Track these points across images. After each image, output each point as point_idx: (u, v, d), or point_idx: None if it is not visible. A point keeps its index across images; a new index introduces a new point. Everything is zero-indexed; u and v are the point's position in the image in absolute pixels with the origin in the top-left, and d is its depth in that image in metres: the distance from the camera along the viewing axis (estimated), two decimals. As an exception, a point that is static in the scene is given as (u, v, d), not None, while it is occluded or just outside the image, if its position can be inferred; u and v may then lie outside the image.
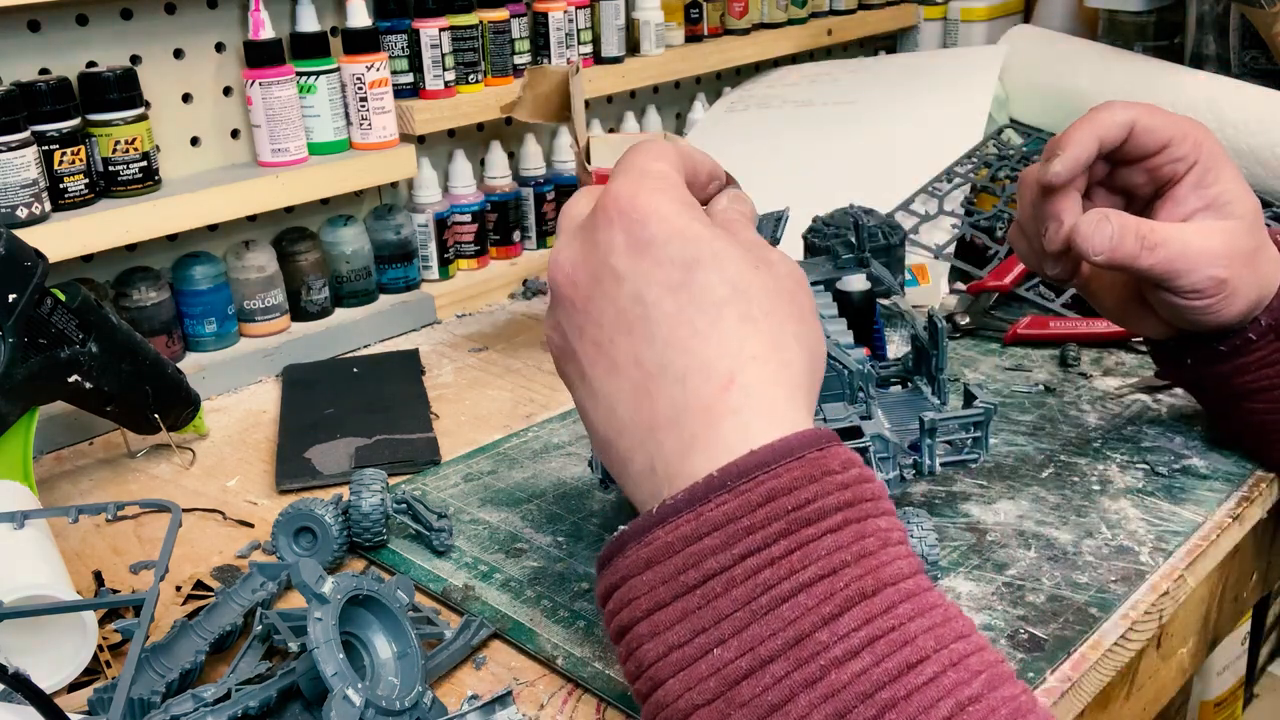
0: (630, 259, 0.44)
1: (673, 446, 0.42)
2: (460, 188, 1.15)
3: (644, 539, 0.41)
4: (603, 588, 0.43)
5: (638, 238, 0.44)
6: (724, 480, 0.40)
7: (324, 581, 0.53)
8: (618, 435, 0.44)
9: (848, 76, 1.35)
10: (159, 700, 0.55)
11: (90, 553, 0.73)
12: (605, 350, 0.44)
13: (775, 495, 0.40)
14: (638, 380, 0.43)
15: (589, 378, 0.45)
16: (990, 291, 1.00)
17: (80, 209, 0.87)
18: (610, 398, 0.44)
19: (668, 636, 0.40)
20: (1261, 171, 1.07)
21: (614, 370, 0.44)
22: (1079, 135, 0.66)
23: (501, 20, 1.11)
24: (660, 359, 0.43)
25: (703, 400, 0.42)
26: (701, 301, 0.43)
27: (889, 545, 0.40)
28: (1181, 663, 0.74)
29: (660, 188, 0.45)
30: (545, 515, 0.73)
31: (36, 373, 0.72)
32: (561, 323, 0.47)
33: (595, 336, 0.45)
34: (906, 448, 0.66)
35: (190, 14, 0.96)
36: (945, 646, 0.38)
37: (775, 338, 0.43)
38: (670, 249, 0.43)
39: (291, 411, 0.90)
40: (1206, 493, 0.72)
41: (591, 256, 0.45)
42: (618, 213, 0.44)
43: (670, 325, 0.43)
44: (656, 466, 0.43)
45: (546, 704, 0.57)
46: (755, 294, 0.43)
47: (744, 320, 0.43)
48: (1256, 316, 0.68)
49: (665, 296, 0.43)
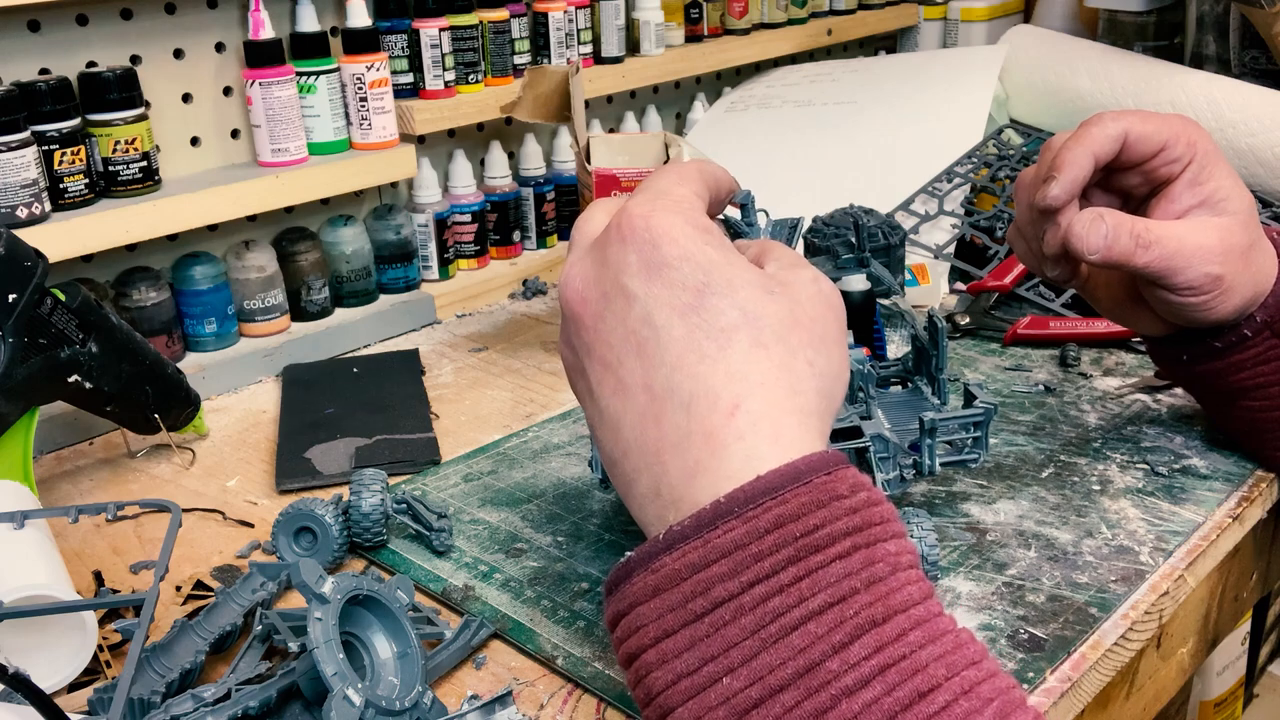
0: (642, 280, 0.44)
1: (678, 471, 0.42)
2: (460, 188, 1.15)
3: (651, 566, 0.41)
4: (610, 614, 0.43)
5: (650, 259, 0.44)
6: (731, 507, 0.40)
7: (324, 581, 0.53)
8: (623, 456, 0.44)
9: (848, 76, 1.35)
10: (159, 700, 0.55)
11: (90, 553, 0.73)
12: (613, 370, 0.44)
13: (783, 522, 0.39)
14: (644, 403, 0.43)
15: (597, 396, 0.45)
16: (990, 291, 1.00)
17: (80, 209, 0.87)
18: (617, 418, 0.44)
19: (676, 665, 0.40)
20: (1261, 171, 1.07)
21: (621, 391, 0.44)
22: (1073, 156, 0.65)
23: (501, 20, 1.11)
24: (667, 383, 0.43)
25: (707, 426, 0.42)
26: (710, 327, 0.43)
27: (898, 570, 0.40)
28: (1181, 663, 0.74)
29: (676, 209, 0.45)
30: (545, 515, 0.73)
31: (36, 373, 0.72)
32: (571, 338, 0.47)
33: (604, 356, 0.45)
34: (906, 448, 0.66)
35: (190, 14, 0.96)
36: (956, 674, 0.38)
37: (786, 364, 0.43)
38: (682, 272, 0.43)
39: (291, 411, 0.90)
40: (1206, 493, 0.72)
41: (603, 275, 0.45)
42: (631, 232, 0.44)
43: (679, 349, 0.43)
44: (662, 490, 0.43)
45: (546, 704, 0.57)
46: (767, 320, 0.43)
47: (754, 346, 0.43)
48: (1251, 313, 0.68)
49: (675, 320, 0.43)
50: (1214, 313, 0.67)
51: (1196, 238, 0.65)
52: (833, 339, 0.46)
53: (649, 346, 0.43)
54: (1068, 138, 0.67)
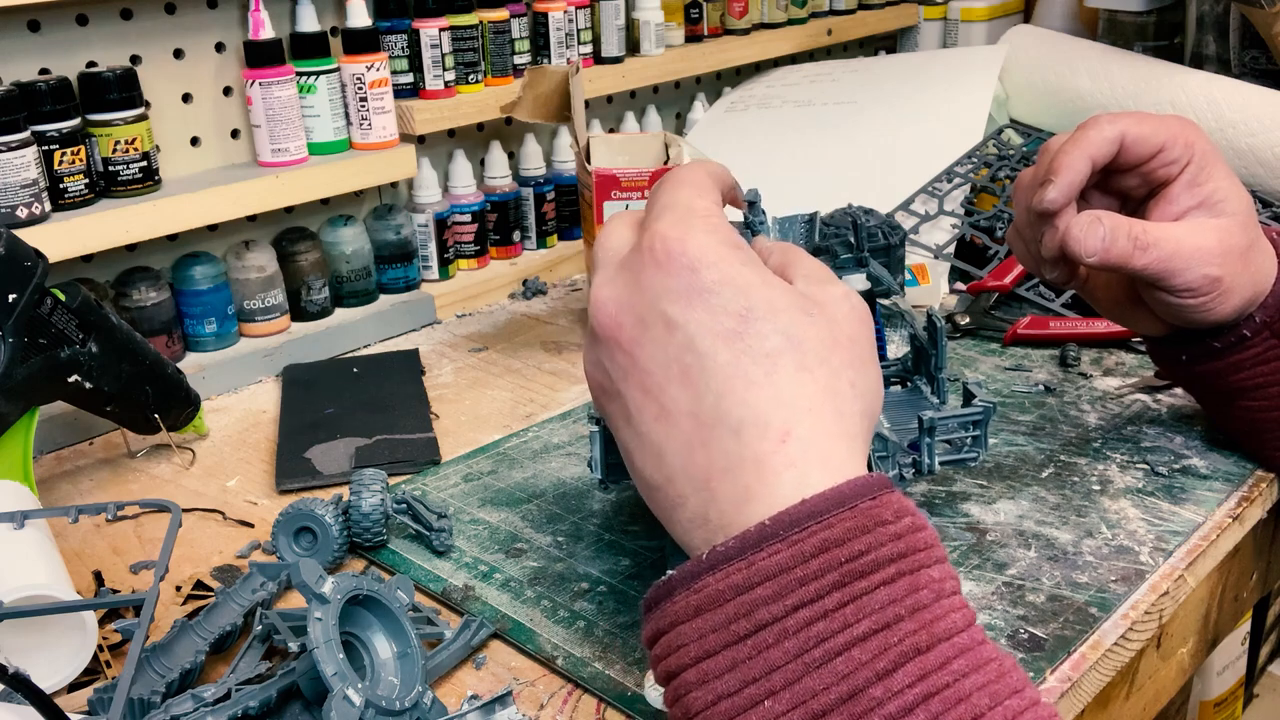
0: (683, 307, 0.43)
1: (727, 497, 0.42)
2: (460, 188, 1.15)
3: (693, 585, 0.40)
4: (649, 631, 0.42)
5: (690, 285, 0.43)
6: (776, 530, 0.40)
7: (324, 581, 0.53)
8: (667, 481, 0.44)
9: (848, 76, 1.35)
10: (159, 700, 0.55)
11: (90, 553, 0.73)
12: (655, 397, 0.44)
13: (828, 546, 0.39)
14: (690, 429, 0.43)
15: (635, 421, 0.45)
16: (990, 291, 1.00)
17: (80, 209, 0.87)
18: (659, 444, 0.44)
19: (716, 685, 0.39)
20: (1261, 171, 1.07)
21: (664, 417, 0.43)
22: (1070, 159, 0.66)
23: (501, 20, 1.12)
24: (715, 410, 0.42)
25: (758, 454, 0.41)
26: (755, 352, 0.42)
27: (943, 597, 0.40)
28: (1181, 663, 0.74)
29: (709, 228, 0.44)
30: (545, 515, 0.73)
31: (36, 373, 0.72)
32: (604, 361, 0.46)
33: (643, 382, 0.44)
34: (906, 447, 0.66)
35: (190, 14, 0.96)
36: (1000, 703, 0.38)
37: (830, 387, 0.43)
38: (723, 297, 0.43)
39: (291, 411, 0.90)
40: (1206, 493, 0.72)
41: (638, 299, 0.44)
42: (667, 257, 0.43)
43: (725, 376, 0.42)
44: (710, 516, 0.42)
45: (546, 704, 0.57)
46: (809, 344, 0.43)
47: (799, 370, 0.42)
48: (1251, 314, 0.68)
49: (720, 346, 0.42)
50: (1213, 314, 0.67)
51: (1195, 239, 0.65)
52: (869, 358, 0.46)
53: (693, 373, 0.43)
54: (1065, 140, 0.67)
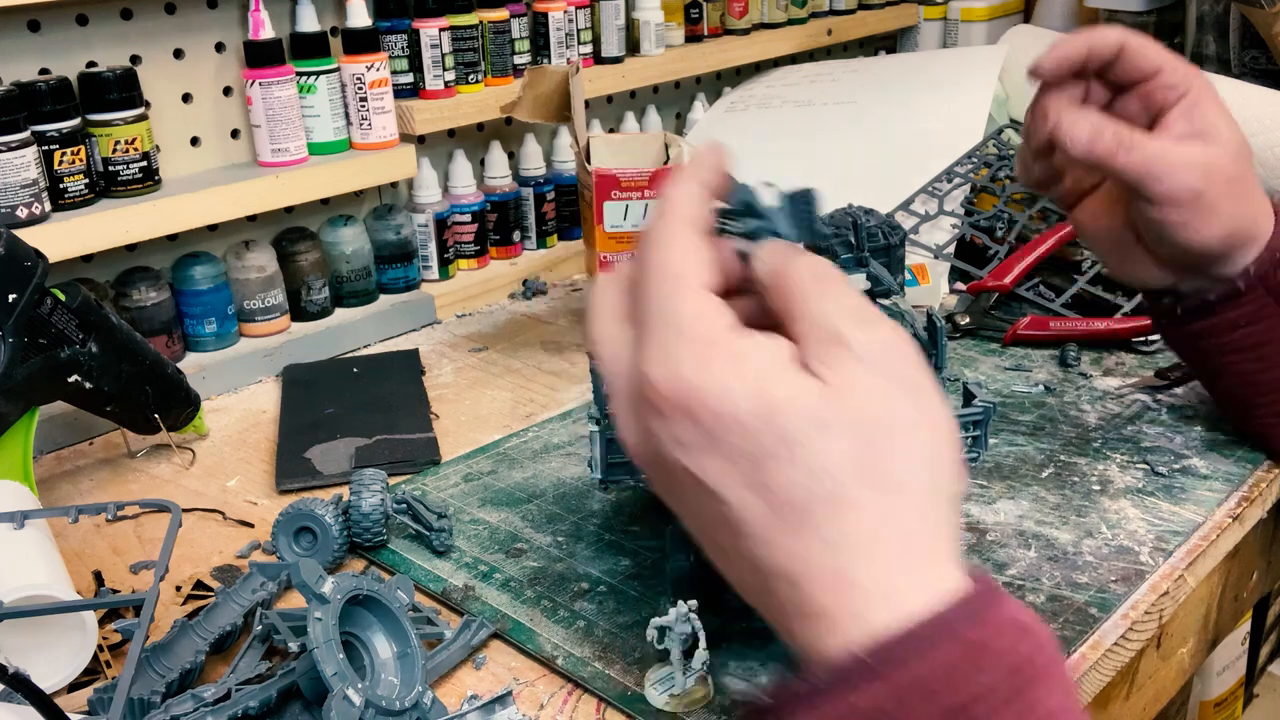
0: (695, 457, 0.39)
1: (803, 634, 0.39)
2: (460, 188, 1.15)
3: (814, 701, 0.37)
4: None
5: (695, 434, 0.39)
6: (874, 666, 0.36)
7: (324, 581, 0.53)
8: (741, 589, 0.41)
9: (848, 76, 1.35)
10: (159, 700, 0.55)
11: (90, 553, 0.73)
12: (709, 536, 0.41)
13: (929, 685, 0.35)
14: (750, 575, 0.40)
15: (705, 547, 0.42)
16: (990, 291, 1.00)
17: (80, 209, 0.87)
18: (732, 577, 0.41)
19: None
20: (1261, 171, 1.07)
21: (723, 557, 0.41)
22: (1071, 38, 0.67)
23: (501, 20, 1.11)
24: (766, 560, 0.39)
25: (820, 605, 0.38)
26: (784, 506, 0.38)
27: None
28: (1181, 663, 0.74)
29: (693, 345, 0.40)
30: (545, 515, 0.73)
31: (36, 373, 0.72)
32: (654, 485, 0.43)
33: (692, 523, 0.42)
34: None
35: (190, 14, 0.96)
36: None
37: (883, 510, 0.38)
38: (731, 442, 0.38)
39: (291, 411, 0.90)
40: (1206, 493, 0.72)
41: (653, 448, 0.41)
42: (662, 401, 0.40)
43: (763, 524, 0.38)
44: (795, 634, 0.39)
45: (546, 704, 0.57)
46: (841, 470, 0.38)
47: (836, 505, 0.38)
48: (1246, 267, 0.69)
49: (746, 495, 0.39)
50: (1197, 233, 0.67)
51: (1180, 150, 0.66)
52: (922, 424, 0.40)
53: (732, 522, 0.39)
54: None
